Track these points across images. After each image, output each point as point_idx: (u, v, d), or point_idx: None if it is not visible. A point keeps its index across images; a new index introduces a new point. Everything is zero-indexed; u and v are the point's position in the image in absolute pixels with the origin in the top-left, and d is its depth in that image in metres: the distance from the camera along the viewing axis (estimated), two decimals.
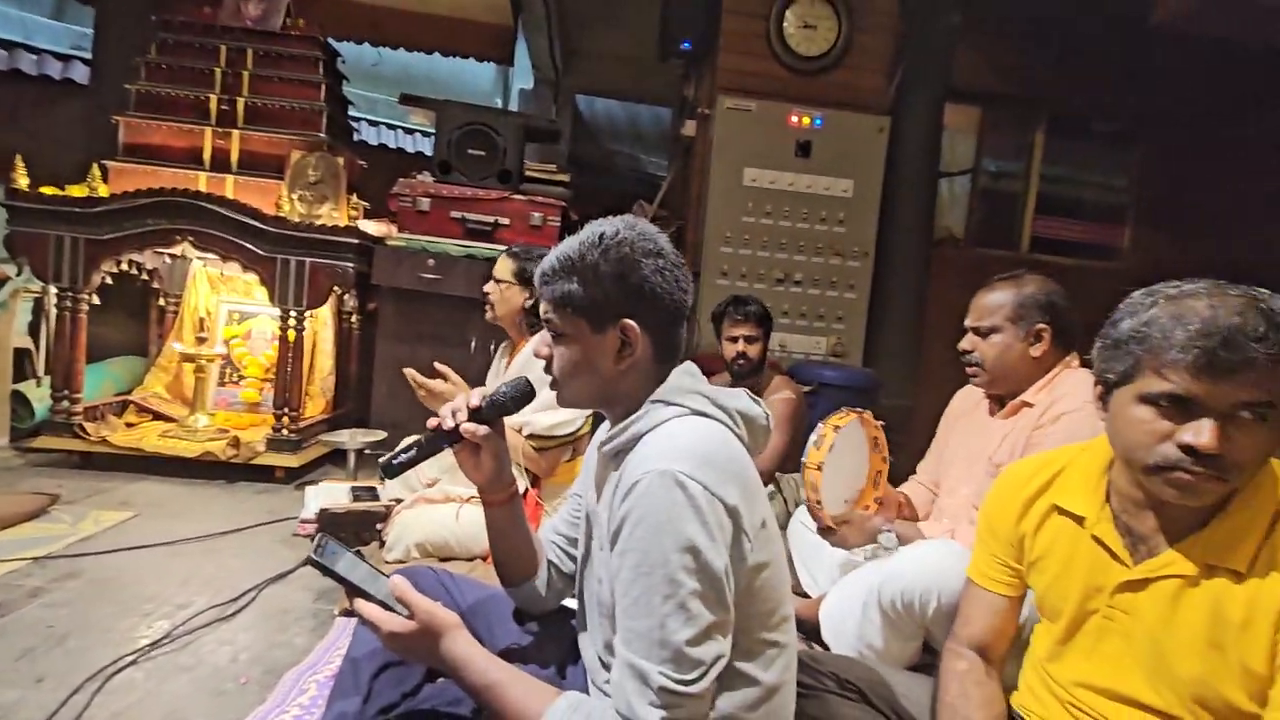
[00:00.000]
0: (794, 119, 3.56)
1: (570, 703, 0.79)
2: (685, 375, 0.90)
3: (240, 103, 2.87)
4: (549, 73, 5.46)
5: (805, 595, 1.75)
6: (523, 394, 0.98)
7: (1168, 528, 0.83)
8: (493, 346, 2.46)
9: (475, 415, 0.96)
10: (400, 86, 3.27)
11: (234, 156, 2.90)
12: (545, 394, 0.98)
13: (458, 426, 0.95)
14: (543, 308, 0.91)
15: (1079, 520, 0.92)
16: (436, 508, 1.99)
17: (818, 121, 3.57)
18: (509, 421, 1.96)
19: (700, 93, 3.85)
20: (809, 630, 1.60)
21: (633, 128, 6.36)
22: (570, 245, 0.89)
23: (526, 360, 1.97)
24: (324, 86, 2.90)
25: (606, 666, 0.89)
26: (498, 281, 2.12)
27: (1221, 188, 4.07)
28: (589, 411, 1.87)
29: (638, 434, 0.85)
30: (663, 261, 0.88)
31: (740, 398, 0.92)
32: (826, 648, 1.48)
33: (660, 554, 0.74)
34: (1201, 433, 0.74)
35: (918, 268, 3.69)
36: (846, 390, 3.11)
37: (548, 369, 0.94)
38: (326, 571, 0.82)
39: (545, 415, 1.92)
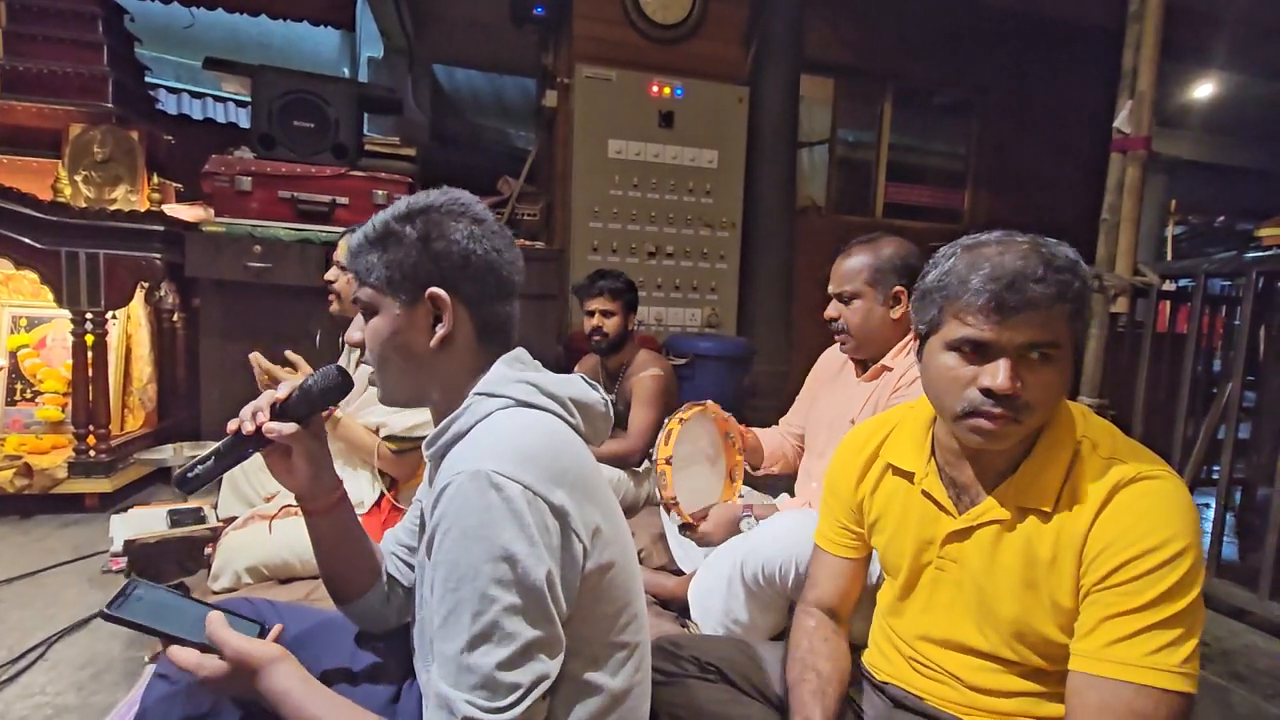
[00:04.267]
0: (655, 89, 3.51)
1: None
2: (513, 362, 0.81)
3: None
4: (400, 40, 5.05)
5: (680, 572, 1.72)
6: (334, 384, 0.85)
7: (984, 476, 0.85)
8: (341, 339, 2.23)
9: (281, 412, 0.83)
10: (226, 52, 2.86)
11: None
12: None
13: (260, 428, 0.81)
14: (354, 288, 0.82)
15: (909, 477, 0.93)
16: (280, 522, 1.77)
17: (679, 91, 3.54)
18: (366, 421, 1.80)
19: (558, 61, 3.70)
20: (680, 608, 1.57)
21: (498, 100, 6.08)
22: (377, 217, 0.81)
23: None
24: (106, 48, 2.46)
25: None
26: (342, 268, 1.90)
27: (1042, 151, 4.48)
28: None
29: (459, 432, 0.76)
30: (479, 228, 0.80)
31: (574, 383, 0.84)
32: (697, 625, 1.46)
33: (470, 566, 0.66)
34: (997, 374, 0.76)
35: (784, 236, 3.78)
36: (723, 360, 3.14)
37: (363, 358, 0.84)
38: (129, 624, 0.75)
39: (404, 415, 1.74)
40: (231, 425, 0.83)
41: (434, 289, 0.77)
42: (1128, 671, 0.71)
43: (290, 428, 0.82)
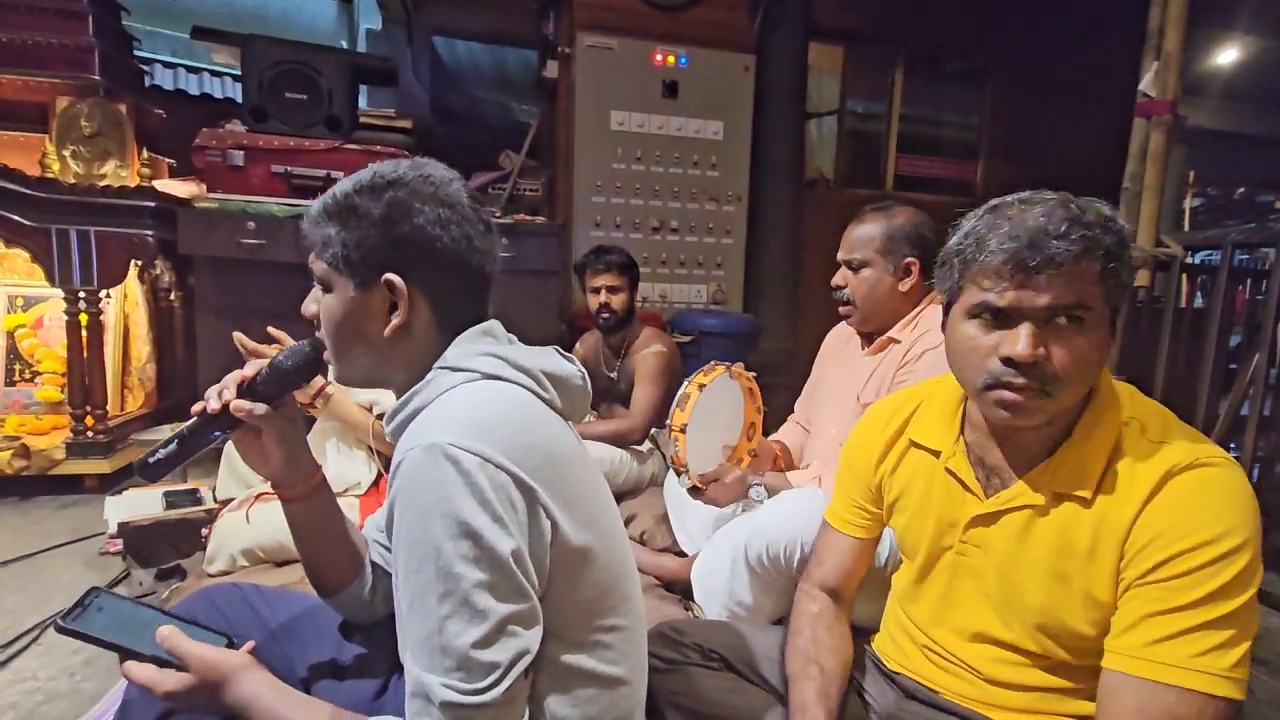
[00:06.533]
0: (658, 58, 3.40)
1: None
2: (480, 335, 0.76)
3: None
4: (398, 11, 4.92)
5: (682, 554, 1.68)
6: (306, 359, 0.80)
7: (1016, 458, 0.79)
8: None
9: (249, 391, 0.78)
10: (220, 25, 2.76)
11: None
12: None
13: (226, 408, 0.77)
14: (311, 259, 0.76)
15: (935, 454, 0.87)
16: (269, 506, 1.74)
17: (683, 60, 3.43)
18: (359, 398, 1.76)
19: (560, 30, 3.58)
20: (683, 590, 1.54)
21: (500, 73, 5.95)
22: (341, 185, 0.76)
23: None
24: (91, 18, 2.39)
25: None
26: None
27: (1058, 120, 4.33)
28: None
29: (419, 407, 0.71)
30: (448, 213, 0.73)
31: (547, 356, 0.79)
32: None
33: (431, 544, 0.61)
34: (1017, 341, 0.70)
35: (791, 210, 3.68)
36: (728, 338, 3.08)
37: (318, 331, 0.79)
38: (84, 638, 0.70)
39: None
40: (196, 407, 0.78)
41: (390, 275, 0.72)
42: (1171, 674, 0.65)
43: (260, 408, 0.77)
